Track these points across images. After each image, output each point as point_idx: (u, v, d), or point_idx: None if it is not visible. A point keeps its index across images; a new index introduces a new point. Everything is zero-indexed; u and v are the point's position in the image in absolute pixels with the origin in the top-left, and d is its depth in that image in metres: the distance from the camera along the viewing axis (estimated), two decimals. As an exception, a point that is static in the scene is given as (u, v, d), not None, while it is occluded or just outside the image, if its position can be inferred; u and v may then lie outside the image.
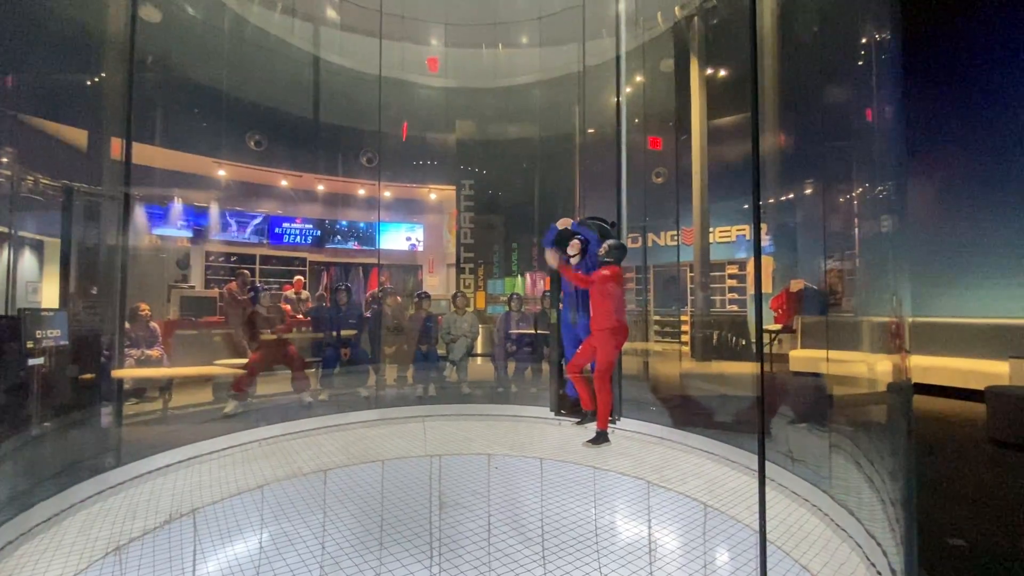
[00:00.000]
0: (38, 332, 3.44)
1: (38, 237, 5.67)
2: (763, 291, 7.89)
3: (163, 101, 6.69)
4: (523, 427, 5.27)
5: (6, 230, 4.61)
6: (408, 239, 10.79)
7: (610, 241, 4.34)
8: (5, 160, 4.43)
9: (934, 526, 2.56)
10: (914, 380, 5.20)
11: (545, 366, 5.85)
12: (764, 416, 2.02)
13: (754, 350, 6.98)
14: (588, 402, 4.61)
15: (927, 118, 6.80)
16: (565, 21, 7.35)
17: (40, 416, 3.66)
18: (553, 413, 5.18)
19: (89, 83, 5.02)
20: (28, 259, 5.47)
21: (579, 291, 4.56)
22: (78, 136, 5.33)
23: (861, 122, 3.55)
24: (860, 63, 3.59)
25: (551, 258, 4.58)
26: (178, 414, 5.20)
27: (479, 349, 7.47)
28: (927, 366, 5.75)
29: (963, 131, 6.63)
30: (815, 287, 5.99)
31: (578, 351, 4.55)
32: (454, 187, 9.83)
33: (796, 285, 6.46)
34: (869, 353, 3.36)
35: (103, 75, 4.90)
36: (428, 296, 6.76)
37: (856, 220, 3.83)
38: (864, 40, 3.50)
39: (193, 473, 3.89)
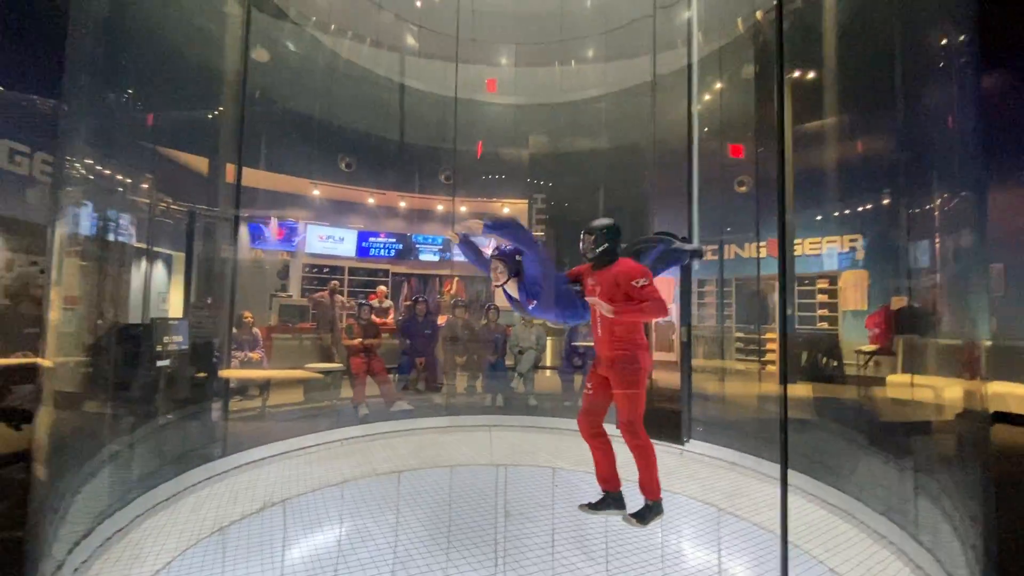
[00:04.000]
0: (165, 338, 4.01)
1: (167, 252, 6.56)
2: (858, 308, 7.20)
3: (267, 130, 7.50)
4: (590, 442, 5.23)
5: (144, 246, 5.41)
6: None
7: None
8: (145, 187, 5.20)
9: None
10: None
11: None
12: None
13: (845, 372, 6.42)
14: (612, 477, 2.86)
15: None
16: (634, 31, 7.30)
17: (164, 409, 4.24)
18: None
19: (210, 116, 5.77)
20: (159, 271, 6.33)
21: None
22: (199, 163, 6.12)
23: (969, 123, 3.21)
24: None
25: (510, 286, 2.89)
26: (273, 412, 5.76)
27: (547, 362, 7.51)
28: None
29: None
30: (918, 305, 5.41)
31: (584, 403, 2.89)
32: (526, 201, 10.02)
33: (898, 303, 5.87)
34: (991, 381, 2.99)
35: (221, 109, 5.62)
36: (497, 308, 6.93)
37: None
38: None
39: (285, 467, 4.29)
